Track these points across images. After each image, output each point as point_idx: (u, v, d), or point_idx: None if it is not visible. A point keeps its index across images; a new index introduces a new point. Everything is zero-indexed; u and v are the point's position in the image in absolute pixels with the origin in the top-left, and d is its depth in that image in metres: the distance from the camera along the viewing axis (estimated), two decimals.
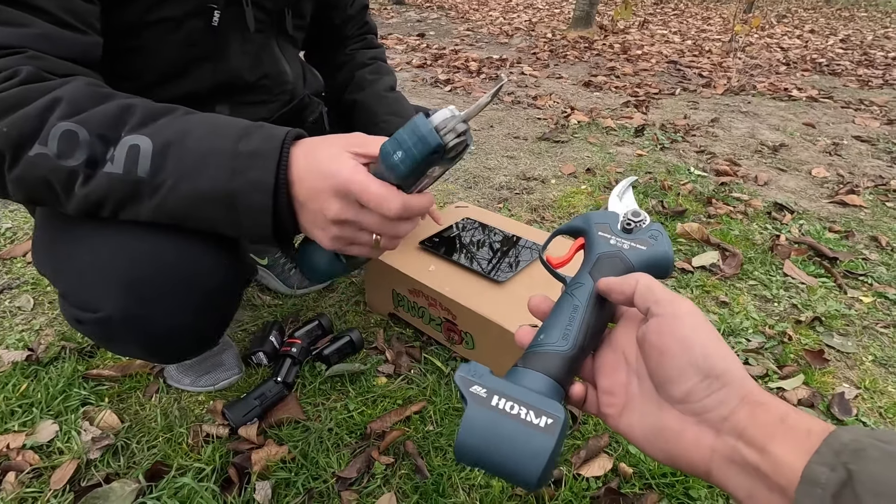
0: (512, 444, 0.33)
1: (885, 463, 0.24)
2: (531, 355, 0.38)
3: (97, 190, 0.47)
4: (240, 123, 0.50)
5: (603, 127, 2.34)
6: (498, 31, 4.84)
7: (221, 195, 0.47)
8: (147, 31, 0.60)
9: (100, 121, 0.47)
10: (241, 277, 0.63)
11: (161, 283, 0.54)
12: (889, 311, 1.17)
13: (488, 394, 0.34)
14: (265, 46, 0.73)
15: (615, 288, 0.37)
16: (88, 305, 0.55)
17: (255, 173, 0.47)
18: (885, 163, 2.06)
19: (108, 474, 0.73)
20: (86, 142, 0.46)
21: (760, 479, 0.28)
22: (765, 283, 1.25)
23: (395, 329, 1.03)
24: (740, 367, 0.32)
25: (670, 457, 0.33)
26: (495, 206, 1.58)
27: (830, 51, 4.61)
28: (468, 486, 0.74)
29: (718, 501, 0.73)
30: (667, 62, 3.81)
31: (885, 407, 0.92)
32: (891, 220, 1.59)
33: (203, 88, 0.68)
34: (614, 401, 0.37)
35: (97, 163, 0.46)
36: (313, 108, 0.86)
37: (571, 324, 0.38)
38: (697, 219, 1.55)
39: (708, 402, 0.31)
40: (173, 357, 0.71)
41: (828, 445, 0.26)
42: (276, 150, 0.47)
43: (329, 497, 0.72)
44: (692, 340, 0.32)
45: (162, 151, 0.47)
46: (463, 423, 0.33)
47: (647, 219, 0.43)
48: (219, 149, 0.47)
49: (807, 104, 2.87)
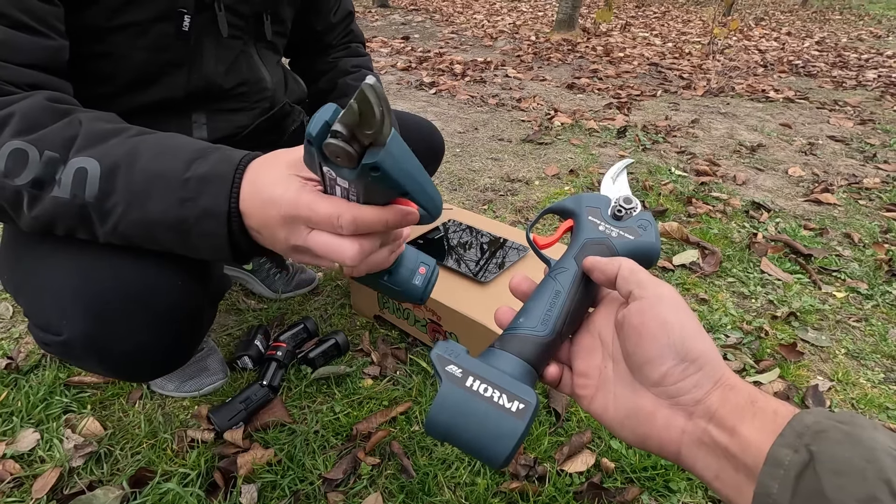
0: (482, 425, 0.33)
1: (846, 444, 0.25)
2: (509, 338, 0.38)
3: (44, 213, 0.45)
4: (195, 145, 0.46)
5: (586, 128, 2.37)
6: (482, 34, 4.87)
7: (173, 221, 0.44)
8: (113, 36, 0.58)
9: (51, 140, 0.44)
10: (209, 294, 0.60)
11: (120, 304, 0.52)
12: (861, 306, 1.21)
13: (463, 374, 0.35)
14: (242, 53, 0.72)
15: (599, 267, 0.37)
16: (50, 328, 0.53)
17: (207, 199, 0.43)
18: (858, 162, 2.12)
19: (92, 482, 0.73)
20: (34, 162, 0.44)
21: (728, 459, 0.29)
22: (743, 281, 1.28)
23: (381, 331, 1.04)
24: (716, 353, 0.33)
25: (641, 438, 0.34)
26: (480, 207, 1.60)
27: (806, 53, 4.72)
28: (453, 484, 0.75)
29: (698, 493, 0.75)
30: (648, 64, 3.87)
31: (857, 398, 0.95)
32: (863, 218, 1.63)
33: (177, 95, 0.66)
34: (588, 383, 0.38)
35: (43, 184, 0.44)
36: (295, 117, 0.85)
37: (552, 309, 0.38)
38: (678, 218, 1.58)
39: (683, 385, 0.32)
40: (145, 375, 0.69)
41: (791, 428, 0.27)
42: (230, 175, 0.44)
43: (315, 499, 0.72)
44: (672, 324, 0.32)
45: (109, 175, 0.44)
46: (436, 401, 0.34)
47: (639, 207, 0.42)
48: (169, 172, 0.44)
49: (784, 105, 2.94)
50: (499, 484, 0.74)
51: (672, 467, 0.77)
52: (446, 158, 1.96)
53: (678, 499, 0.74)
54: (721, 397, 0.31)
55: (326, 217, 0.39)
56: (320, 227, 0.40)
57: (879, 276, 1.31)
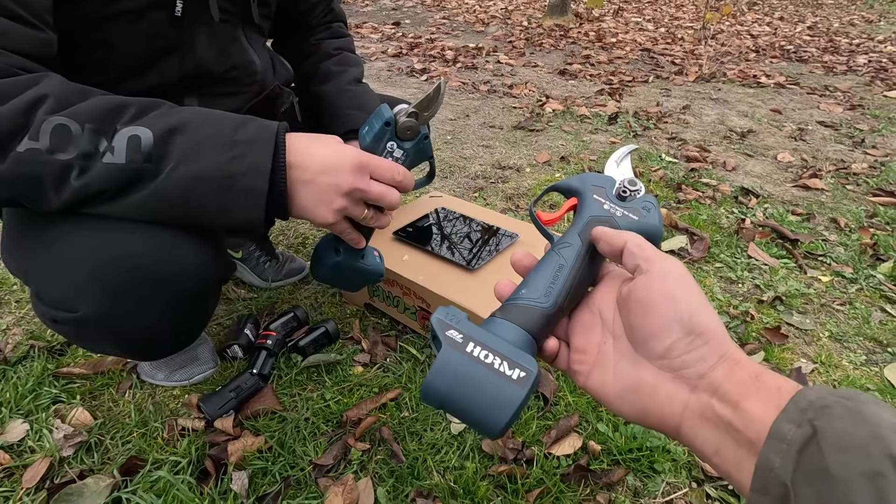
0: (482, 392, 0.33)
1: (849, 419, 0.25)
2: (511, 307, 0.38)
3: (96, 180, 0.48)
4: (232, 115, 0.53)
5: (577, 115, 2.36)
6: (474, 20, 4.82)
7: (221, 177, 0.50)
8: (108, 24, 0.59)
9: (90, 114, 0.48)
10: (219, 274, 0.63)
11: (136, 282, 0.54)
12: (845, 289, 1.22)
13: (464, 339, 0.34)
14: (232, 37, 0.72)
15: (606, 238, 0.37)
16: (64, 305, 0.55)
17: (253, 158, 0.51)
18: (846, 147, 2.13)
19: (82, 471, 0.73)
20: (78, 135, 0.47)
21: (730, 434, 0.29)
22: (730, 266, 1.29)
23: (371, 319, 1.04)
24: (722, 328, 0.32)
25: (642, 412, 0.34)
26: (471, 195, 1.59)
27: (798, 38, 4.71)
28: (442, 468, 0.76)
29: (682, 473, 0.77)
30: (640, 50, 3.86)
31: (839, 380, 0.97)
32: (850, 203, 1.65)
33: (170, 81, 0.67)
34: (585, 358, 0.38)
35: (92, 155, 0.48)
36: (284, 99, 0.85)
37: (555, 282, 0.38)
38: (667, 204, 1.59)
39: (688, 358, 0.32)
40: (150, 354, 0.71)
41: (794, 403, 0.27)
42: (272, 138, 0.52)
43: (306, 484, 0.73)
44: (679, 297, 0.32)
45: (164, 138, 0.49)
46: (434, 365, 0.33)
47: (643, 189, 0.42)
48: (218, 136, 0.51)
49: (774, 90, 2.94)
50: (487, 467, 0.76)
51: (657, 449, 0.78)
52: (437, 146, 1.95)
53: (662, 479, 0.76)
54: (726, 372, 0.31)
55: (389, 168, 0.56)
56: (382, 177, 0.56)
57: (864, 261, 1.33)
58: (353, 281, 0.69)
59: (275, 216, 0.55)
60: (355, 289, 0.73)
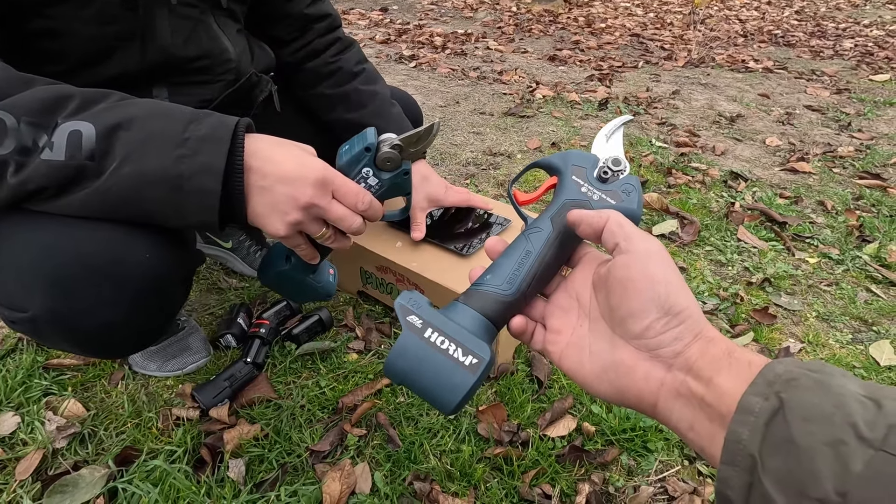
0: (436, 374, 0.35)
1: (815, 391, 0.26)
2: (474, 293, 0.39)
3: (34, 178, 0.45)
4: (185, 109, 0.50)
5: (568, 101, 2.35)
6: (462, 5, 4.76)
7: (169, 177, 0.46)
8: (54, 9, 0.56)
9: (28, 107, 0.45)
10: (180, 269, 0.59)
11: (85, 279, 0.51)
12: (832, 271, 1.24)
13: (423, 325, 0.37)
14: (200, 22, 0.69)
15: (586, 220, 0.37)
16: (15, 304, 0.52)
17: (205, 157, 0.47)
18: (833, 131, 2.15)
19: (77, 462, 0.72)
20: (14, 129, 0.44)
21: (703, 409, 0.30)
22: (720, 249, 1.30)
23: (365, 306, 1.04)
24: (697, 308, 0.33)
25: (620, 392, 0.34)
26: (462, 182, 1.59)
27: (786, 22, 4.72)
28: (439, 451, 0.76)
29: (674, 452, 0.78)
30: (630, 35, 3.84)
31: (825, 358, 0.99)
32: (836, 186, 1.67)
33: (134, 70, 0.64)
34: (559, 339, 0.38)
35: (30, 151, 0.45)
36: (262, 87, 0.82)
37: (520, 269, 0.38)
38: (658, 189, 1.60)
39: (664, 337, 0.32)
40: (112, 352, 0.69)
41: (762, 376, 0.28)
42: (228, 136, 0.48)
43: (303, 470, 0.73)
44: (657, 277, 0.33)
45: (108, 134, 0.46)
46: (395, 347, 0.36)
47: (627, 169, 0.41)
48: (166, 133, 0.47)
49: (762, 75, 2.95)
50: (483, 450, 0.76)
51: (650, 428, 0.80)
52: None
53: (655, 458, 0.77)
54: (700, 350, 0.31)
55: (354, 193, 0.52)
56: (344, 200, 0.52)
57: (850, 242, 1.35)
58: (297, 294, 0.67)
59: (231, 221, 0.52)
60: (298, 301, 0.73)
